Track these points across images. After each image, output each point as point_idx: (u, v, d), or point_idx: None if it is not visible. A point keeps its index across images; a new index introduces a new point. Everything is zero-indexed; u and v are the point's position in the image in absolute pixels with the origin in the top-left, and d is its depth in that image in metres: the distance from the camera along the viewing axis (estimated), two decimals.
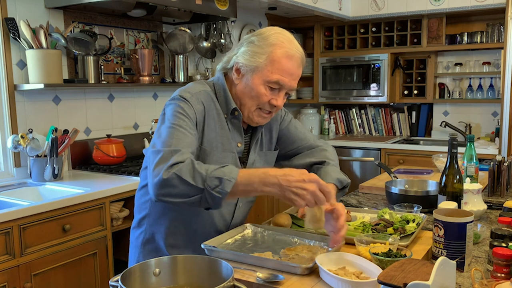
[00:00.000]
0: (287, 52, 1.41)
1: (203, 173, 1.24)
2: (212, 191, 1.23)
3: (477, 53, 4.38)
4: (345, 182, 1.59)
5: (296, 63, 1.43)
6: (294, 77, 1.44)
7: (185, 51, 3.50)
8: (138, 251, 1.59)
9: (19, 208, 2.07)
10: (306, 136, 1.74)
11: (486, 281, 1.08)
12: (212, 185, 1.23)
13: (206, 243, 1.38)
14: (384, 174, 2.59)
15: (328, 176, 1.56)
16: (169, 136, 1.33)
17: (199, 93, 1.46)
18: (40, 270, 2.15)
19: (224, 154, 1.49)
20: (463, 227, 1.25)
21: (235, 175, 1.24)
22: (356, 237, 1.37)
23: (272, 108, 1.48)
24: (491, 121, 4.35)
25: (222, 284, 0.99)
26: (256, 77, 1.42)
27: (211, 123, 1.47)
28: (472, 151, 2.09)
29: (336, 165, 1.67)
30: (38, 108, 2.79)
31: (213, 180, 1.23)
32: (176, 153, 1.28)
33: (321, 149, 1.72)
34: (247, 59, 1.43)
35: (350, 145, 4.44)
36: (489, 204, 1.93)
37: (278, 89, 1.44)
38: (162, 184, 1.25)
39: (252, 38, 1.45)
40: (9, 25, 2.57)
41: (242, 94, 1.47)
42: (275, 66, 1.40)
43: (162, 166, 1.26)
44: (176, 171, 1.24)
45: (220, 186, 1.23)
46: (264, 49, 1.40)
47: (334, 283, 1.15)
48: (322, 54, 4.88)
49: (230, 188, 1.23)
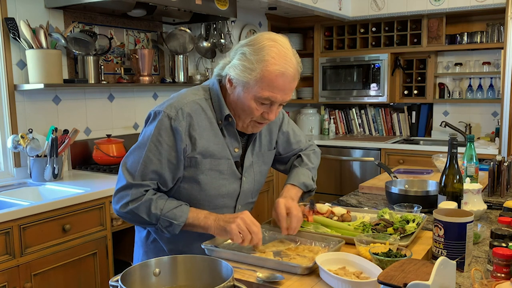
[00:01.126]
0: (278, 69, 1.34)
1: (157, 213, 1.39)
2: (163, 229, 1.41)
3: (477, 53, 4.38)
4: (310, 187, 1.68)
5: (288, 79, 1.37)
6: (287, 91, 1.40)
7: (185, 51, 3.50)
8: (143, 250, 1.60)
9: (19, 208, 2.07)
10: (299, 140, 1.77)
11: (486, 281, 1.08)
12: (164, 225, 1.40)
13: (206, 243, 1.38)
14: (384, 174, 2.60)
15: (296, 178, 1.66)
16: (136, 162, 1.41)
17: (186, 105, 1.43)
18: (40, 270, 2.15)
19: (219, 161, 1.48)
20: (463, 227, 1.25)
21: (185, 218, 1.40)
22: (356, 237, 1.37)
23: (265, 120, 1.46)
24: (491, 121, 4.35)
25: (222, 284, 0.99)
26: (247, 92, 1.39)
27: (202, 133, 1.44)
28: (472, 151, 2.09)
29: (311, 169, 1.73)
30: (38, 108, 2.79)
31: (165, 222, 1.39)
32: (135, 188, 1.39)
33: (308, 151, 1.79)
34: (238, 74, 1.38)
35: (350, 145, 4.44)
36: (489, 204, 1.93)
37: (270, 104, 1.41)
38: (121, 215, 1.43)
39: (244, 49, 1.38)
40: (9, 25, 2.57)
41: (235, 105, 1.46)
42: (265, 83, 1.35)
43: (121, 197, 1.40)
44: (133, 208, 1.39)
45: (170, 227, 1.40)
46: (254, 65, 1.34)
47: (334, 283, 1.15)
48: (322, 54, 4.88)
49: (178, 230, 1.40)
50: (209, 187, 1.47)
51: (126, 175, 1.41)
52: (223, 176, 1.49)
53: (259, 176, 1.63)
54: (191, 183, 1.46)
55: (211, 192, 1.48)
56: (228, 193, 1.52)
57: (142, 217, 1.39)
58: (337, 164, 4.48)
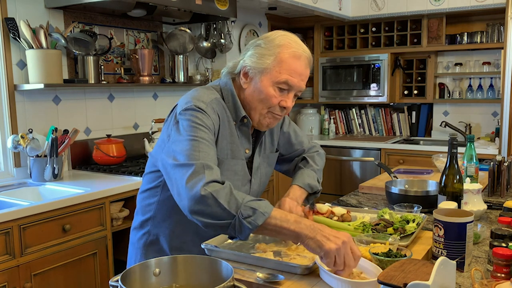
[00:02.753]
0: (295, 52, 1.41)
1: (239, 200, 1.22)
2: (243, 220, 1.20)
3: (477, 53, 4.38)
4: (316, 189, 1.66)
5: (304, 63, 1.43)
6: (303, 77, 1.43)
7: (185, 51, 3.50)
8: (139, 252, 1.59)
9: (19, 208, 2.07)
10: (303, 140, 1.77)
11: (486, 281, 1.08)
12: (245, 214, 1.21)
13: (206, 243, 1.38)
14: (384, 174, 2.60)
15: (301, 179, 1.64)
16: (193, 149, 1.29)
17: (212, 102, 1.43)
18: (40, 270, 2.15)
19: (234, 161, 1.48)
20: (463, 227, 1.25)
21: (270, 210, 1.22)
22: (356, 237, 1.37)
23: (282, 110, 1.47)
24: (491, 121, 4.35)
25: (222, 284, 0.99)
26: (265, 79, 1.42)
27: (223, 131, 1.45)
28: (472, 151, 2.09)
29: (316, 171, 1.71)
30: (38, 108, 2.79)
31: (247, 210, 1.21)
32: (207, 169, 1.25)
33: (312, 152, 1.77)
34: (255, 62, 1.42)
35: (350, 145, 4.44)
36: (489, 204, 1.93)
37: (287, 90, 1.43)
38: (198, 200, 1.22)
39: (259, 41, 1.45)
40: (9, 25, 2.57)
41: (252, 98, 1.46)
42: (283, 66, 1.40)
43: (198, 181, 1.23)
44: (213, 192, 1.21)
45: (252, 217, 1.21)
46: (271, 51, 1.40)
47: (334, 283, 1.15)
48: (322, 54, 4.88)
49: (262, 221, 1.20)
50: None
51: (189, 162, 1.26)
52: (237, 177, 1.50)
53: (264, 178, 1.64)
54: None
55: None
56: None
57: (220, 204, 1.20)
58: (337, 164, 4.48)
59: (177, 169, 1.28)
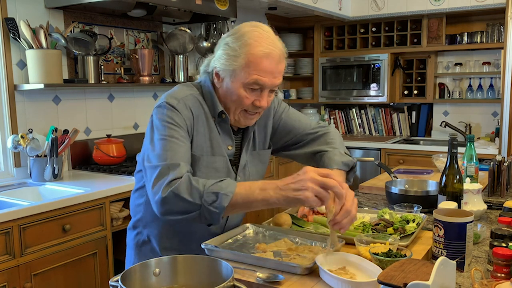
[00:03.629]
0: (263, 51, 1.33)
1: (200, 189, 1.23)
2: (209, 207, 1.22)
3: (477, 53, 4.38)
4: (351, 163, 1.57)
5: (274, 60, 1.35)
6: (275, 74, 1.37)
7: (185, 51, 3.50)
8: (133, 252, 1.59)
9: (19, 208, 2.07)
10: (302, 123, 1.67)
11: (486, 281, 1.08)
12: (209, 201, 1.22)
13: (206, 243, 1.38)
14: (384, 174, 2.59)
15: (332, 161, 1.53)
16: (163, 149, 1.31)
17: (186, 98, 1.41)
18: (40, 270, 2.15)
19: (214, 158, 1.45)
20: (463, 227, 1.25)
21: (233, 189, 1.23)
22: (356, 237, 1.37)
23: (257, 109, 1.43)
24: (491, 121, 4.35)
25: (222, 284, 0.99)
26: (234, 81, 1.37)
27: (200, 128, 1.43)
28: (472, 151, 2.09)
29: (338, 147, 1.60)
30: (38, 108, 2.79)
31: (210, 196, 1.22)
32: (173, 168, 1.27)
33: (322, 134, 1.66)
34: (223, 64, 1.37)
35: (350, 145, 4.43)
36: (489, 204, 1.93)
37: (260, 89, 1.38)
38: (162, 202, 1.25)
39: (227, 39, 1.39)
40: (9, 25, 2.57)
41: (225, 98, 1.44)
42: (252, 67, 1.34)
43: (161, 184, 1.26)
44: (173, 189, 1.23)
45: (217, 201, 1.22)
46: (238, 51, 1.34)
47: (334, 283, 1.15)
48: (322, 54, 4.88)
49: (227, 202, 1.21)
50: None
51: (156, 164, 1.30)
52: (219, 174, 1.46)
53: (255, 175, 1.60)
54: None
55: None
56: None
57: (183, 198, 1.22)
58: None
59: (147, 171, 1.32)
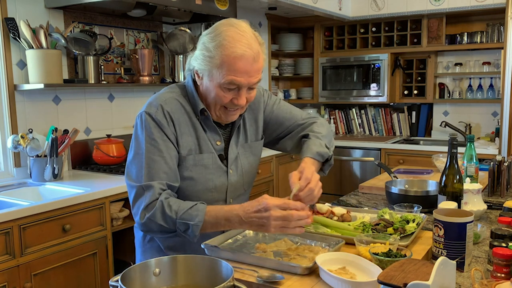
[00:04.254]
0: (236, 52, 1.33)
1: (173, 217, 1.33)
2: (182, 234, 1.34)
3: (477, 53, 4.38)
4: (326, 155, 1.56)
5: (248, 61, 1.35)
6: (251, 73, 1.37)
7: (185, 51, 3.50)
8: (141, 250, 1.62)
9: (19, 208, 2.07)
10: (293, 115, 1.68)
11: (486, 281, 1.08)
12: (182, 229, 1.34)
13: (206, 243, 1.38)
14: (384, 174, 2.60)
15: (308, 150, 1.54)
16: (138, 166, 1.40)
17: (164, 103, 1.45)
18: (40, 270, 2.15)
19: (202, 155, 1.48)
20: (463, 227, 1.25)
21: (201, 218, 1.32)
22: (356, 237, 1.37)
23: (236, 106, 1.44)
24: (491, 121, 4.35)
25: (222, 284, 0.99)
26: (211, 80, 1.39)
27: (183, 128, 1.46)
28: (472, 151, 2.09)
29: (321, 137, 1.60)
30: (38, 108, 2.79)
31: (182, 225, 1.33)
32: (147, 189, 1.36)
33: (311, 123, 1.67)
34: (200, 64, 1.39)
35: (350, 145, 4.44)
36: (489, 204, 1.93)
37: (237, 88, 1.40)
38: (141, 226, 1.38)
39: (204, 38, 1.40)
40: (9, 25, 2.57)
41: (205, 95, 1.46)
42: (226, 68, 1.35)
43: (138, 206, 1.37)
44: (149, 216, 1.34)
45: (189, 230, 1.33)
46: (213, 52, 1.35)
47: (334, 283, 1.15)
48: (322, 54, 4.88)
49: (197, 231, 1.33)
50: (196, 182, 1.47)
51: (133, 184, 1.39)
52: (209, 170, 1.49)
53: (248, 168, 1.60)
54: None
55: (198, 187, 1.48)
56: (216, 187, 1.51)
57: (159, 224, 1.34)
58: (337, 164, 4.48)
59: (127, 187, 1.43)
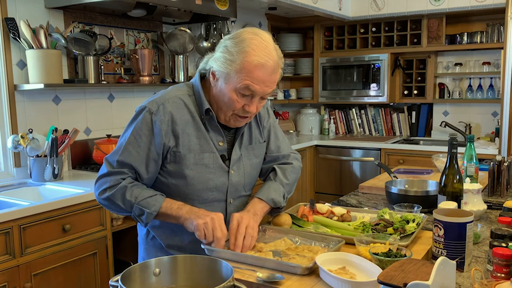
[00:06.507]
0: (258, 60, 1.37)
1: (132, 201, 1.43)
2: (136, 217, 1.45)
3: (477, 53, 4.38)
4: (279, 204, 1.59)
5: (268, 71, 1.39)
6: (268, 83, 1.40)
7: (185, 51, 3.50)
8: (143, 248, 1.63)
9: (19, 208, 2.07)
10: (281, 146, 1.71)
11: (486, 281, 1.08)
12: (137, 213, 1.43)
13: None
14: (384, 174, 2.60)
15: (266, 193, 1.58)
16: (116, 152, 1.47)
17: (167, 101, 1.47)
18: (40, 270, 2.15)
19: (203, 155, 1.49)
20: (463, 227, 1.25)
21: (158, 208, 1.42)
22: (356, 237, 1.37)
23: (247, 113, 1.46)
24: (491, 121, 4.35)
25: (222, 284, 1.00)
26: (228, 83, 1.41)
27: (184, 128, 1.47)
28: (472, 151, 2.09)
29: (285, 185, 1.64)
30: (38, 108, 2.79)
31: (138, 210, 1.43)
32: (116, 174, 1.45)
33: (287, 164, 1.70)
34: (219, 65, 1.41)
35: (350, 145, 4.44)
36: (489, 204, 1.93)
37: (251, 96, 1.42)
38: (100, 202, 1.49)
39: (227, 42, 1.43)
40: (9, 25, 2.57)
41: (217, 98, 1.47)
42: (245, 74, 1.37)
43: (101, 183, 1.47)
44: (110, 195, 1.44)
45: (143, 216, 1.43)
46: (235, 56, 1.38)
47: (334, 283, 1.15)
48: (322, 54, 4.88)
49: (151, 219, 1.44)
50: (196, 181, 1.48)
51: (106, 164, 1.47)
52: (209, 170, 1.50)
53: (250, 169, 1.61)
54: (178, 178, 1.48)
55: (198, 186, 1.49)
56: (216, 186, 1.52)
57: (118, 204, 1.43)
58: (337, 164, 4.48)
59: (104, 162, 1.49)
